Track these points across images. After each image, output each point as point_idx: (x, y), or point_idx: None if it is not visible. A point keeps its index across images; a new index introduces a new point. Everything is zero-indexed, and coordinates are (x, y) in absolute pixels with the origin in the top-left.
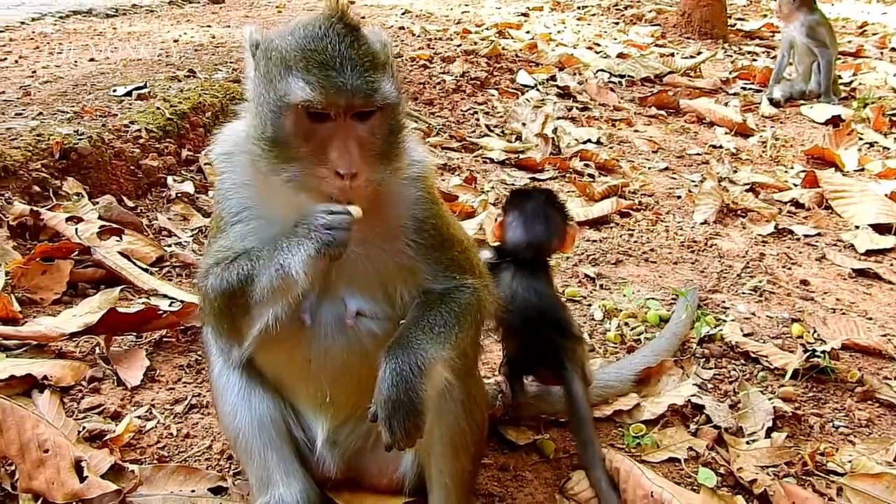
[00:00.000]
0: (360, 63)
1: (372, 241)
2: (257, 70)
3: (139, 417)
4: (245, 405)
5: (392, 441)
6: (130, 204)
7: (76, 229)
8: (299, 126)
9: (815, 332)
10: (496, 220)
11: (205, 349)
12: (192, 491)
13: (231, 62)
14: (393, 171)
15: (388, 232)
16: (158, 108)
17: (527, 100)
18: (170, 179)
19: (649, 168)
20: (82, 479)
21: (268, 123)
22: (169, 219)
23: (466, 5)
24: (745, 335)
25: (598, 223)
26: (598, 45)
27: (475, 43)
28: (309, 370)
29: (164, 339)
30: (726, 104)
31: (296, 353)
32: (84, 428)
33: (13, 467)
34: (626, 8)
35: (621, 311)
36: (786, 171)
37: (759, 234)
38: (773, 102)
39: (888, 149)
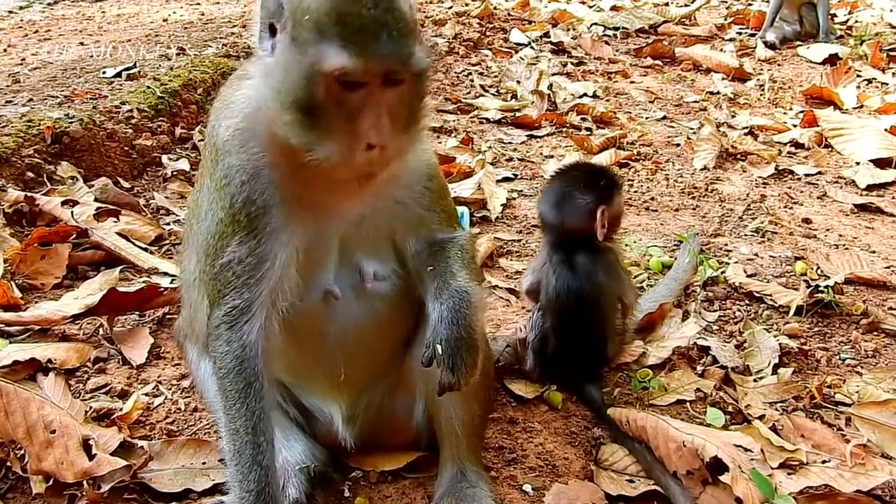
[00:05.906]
0: (396, 27)
1: (391, 193)
2: (284, 31)
3: (146, 394)
4: None
5: (455, 379)
6: (126, 185)
7: (72, 212)
8: (330, 95)
9: (818, 268)
10: None
11: (180, 343)
12: (203, 463)
13: (221, 37)
14: (416, 137)
15: (407, 178)
16: (149, 88)
17: (521, 58)
18: (164, 158)
19: (647, 118)
20: (91, 457)
21: (298, 91)
22: (166, 197)
23: None
24: (748, 276)
25: None
26: None
27: (466, 4)
28: (324, 348)
29: (167, 317)
30: (722, 50)
31: (313, 332)
32: (91, 408)
33: (22, 451)
34: None
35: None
36: (784, 113)
37: (760, 177)
38: (769, 45)
39: (886, 84)
